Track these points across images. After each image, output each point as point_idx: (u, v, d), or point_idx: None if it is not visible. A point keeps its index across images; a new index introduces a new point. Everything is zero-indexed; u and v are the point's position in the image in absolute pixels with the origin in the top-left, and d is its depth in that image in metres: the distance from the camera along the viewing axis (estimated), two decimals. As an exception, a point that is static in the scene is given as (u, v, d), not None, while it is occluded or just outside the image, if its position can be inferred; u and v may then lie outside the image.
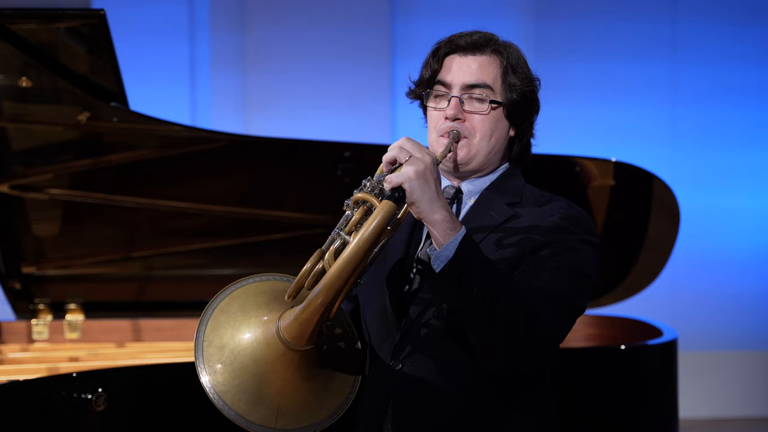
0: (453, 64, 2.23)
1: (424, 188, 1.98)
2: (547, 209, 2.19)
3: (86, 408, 2.94)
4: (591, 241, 2.19)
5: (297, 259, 4.10)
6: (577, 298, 2.13)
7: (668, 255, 4.16)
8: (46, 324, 4.05)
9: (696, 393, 6.46)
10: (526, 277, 2.09)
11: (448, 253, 1.99)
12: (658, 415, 3.57)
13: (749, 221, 6.62)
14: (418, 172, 1.97)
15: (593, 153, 4.15)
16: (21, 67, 3.49)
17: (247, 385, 2.01)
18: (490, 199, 2.24)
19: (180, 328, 4.14)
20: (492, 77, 2.22)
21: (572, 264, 2.13)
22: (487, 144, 2.23)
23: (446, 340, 2.13)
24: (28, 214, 3.95)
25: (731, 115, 6.58)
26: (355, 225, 2.00)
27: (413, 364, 2.15)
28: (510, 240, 2.14)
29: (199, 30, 6.44)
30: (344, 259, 1.94)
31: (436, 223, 2.00)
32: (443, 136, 2.22)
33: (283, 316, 2.01)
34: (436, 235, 2.01)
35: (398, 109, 6.47)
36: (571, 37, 6.50)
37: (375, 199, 2.00)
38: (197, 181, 4.00)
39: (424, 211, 2.00)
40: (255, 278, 2.16)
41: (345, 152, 3.91)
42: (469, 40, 2.23)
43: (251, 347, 2.02)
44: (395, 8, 6.53)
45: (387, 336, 2.19)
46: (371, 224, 1.95)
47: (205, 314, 2.09)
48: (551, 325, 2.06)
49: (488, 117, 2.21)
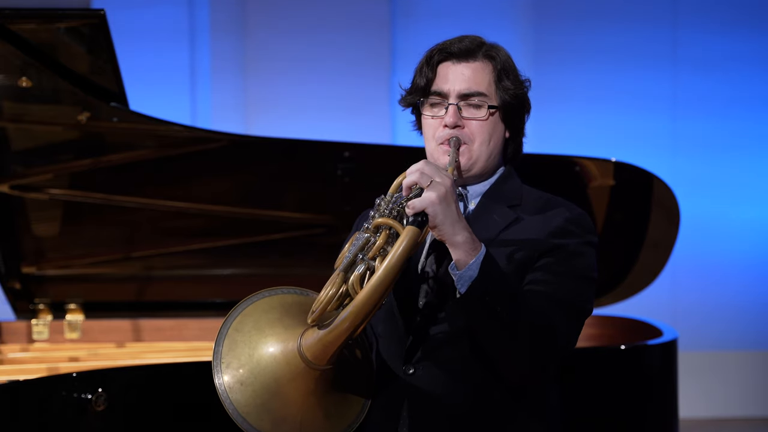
0: (448, 72, 2.27)
1: (447, 212, 2.02)
2: (549, 214, 2.23)
3: (86, 408, 2.94)
4: (593, 242, 2.24)
5: (297, 260, 4.15)
6: (585, 302, 2.20)
7: (668, 255, 4.16)
8: (46, 324, 4.05)
9: (696, 393, 6.46)
10: (538, 285, 2.14)
11: (471, 273, 2.04)
12: (658, 415, 3.56)
13: (749, 222, 6.62)
14: (440, 196, 2.01)
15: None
16: (21, 67, 3.49)
17: (270, 404, 2.04)
18: (491, 203, 2.28)
19: (180, 328, 4.14)
20: (486, 83, 2.26)
21: (579, 269, 2.18)
22: (487, 148, 2.27)
23: (456, 344, 2.18)
24: (28, 214, 3.95)
25: (732, 121, 6.58)
26: (378, 250, 2.03)
27: (425, 368, 2.19)
28: (515, 247, 2.18)
29: (199, 32, 6.44)
30: (372, 287, 1.97)
31: (459, 244, 2.04)
32: (443, 143, 2.26)
33: (304, 335, 2.04)
34: (458, 255, 2.05)
35: (398, 109, 6.45)
36: (570, 42, 6.50)
37: (399, 225, 2.02)
38: (197, 181, 4.00)
39: (446, 234, 2.04)
40: (264, 293, 2.17)
41: (345, 152, 3.91)
42: (460, 47, 2.27)
43: (271, 366, 2.05)
44: (395, 11, 6.53)
45: (396, 341, 2.22)
46: (398, 251, 1.98)
47: (220, 334, 2.11)
48: (568, 335, 2.15)
49: (487, 122, 2.26)
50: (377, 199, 2.09)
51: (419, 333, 2.20)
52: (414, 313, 2.22)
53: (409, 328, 2.21)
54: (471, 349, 2.16)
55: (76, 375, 2.96)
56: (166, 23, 6.36)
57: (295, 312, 2.12)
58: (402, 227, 2.02)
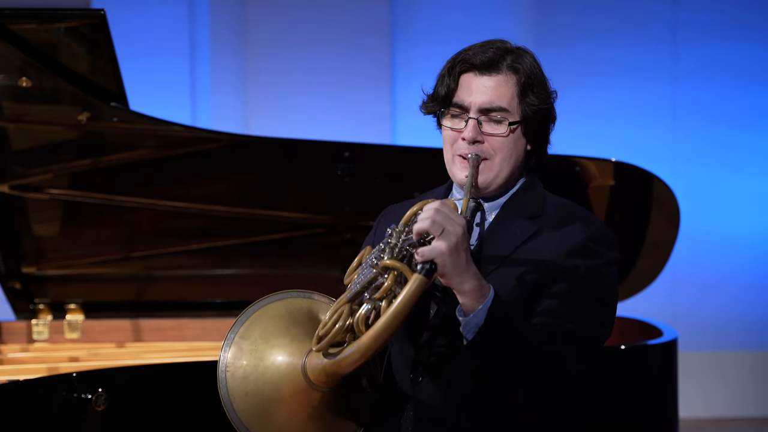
0: (470, 84, 2.20)
1: (456, 262, 2.00)
2: (567, 231, 2.18)
3: (86, 408, 2.94)
4: (614, 259, 2.18)
5: (297, 260, 4.15)
6: (600, 328, 2.15)
7: (668, 255, 4.16)
8: (46, 324, 4.05)
9: (696, 393, 6.46)
10: (550, 317, 2.11)
11: (477, 320, 2.02)
12: (659, 415, 3.56)
13: (749, 223, 6.62)
14: (450, 247, 1.98)
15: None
16: (21, 67, 3.49)
17: (271, 416, 2.07)
18: (510, 215, 2.22)
19: (180, 328, 4.14)
20: (509, 98, 2.19)
21: (597, 293, 2.14)
22: (508, 164, 2.21)
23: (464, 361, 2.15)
24: (28, 214, 3.95)
25: (731, 131, 6.61)
26: (386, 292, 2.02)
27: (432, 377, 2.17)
28: (528, 266, 2.15)
29: (199, 33, 6.44)
30: (377, 331, 1.98)
31: (466, 292, 2.03)
32: (462, 157, 2.20)
33: (309, 356, 2.06)
34: (465, 302, 2.04)
35: (398, 109, 6.47)
36: (570, 54, 6.50)
37: (408, 271, 2.01)
38: (197, 181, 4.00)
39: (453, 283, 2.02)
40: (272, 297, 2.18)
41: (345, 152, 3.90)
42: (483, 58, 2.20)
43: (274, 379, 2.08)
44: (395, 10, 6.52)
45: (404, 350, 2.22)
46: (404, 297, 1.97)
47: (227, 341, 2.12)
48: (579, 368, 2.12)
49: (507, 139, 2.20)
50: (388, 229, 2.06)
51: (425, 349, 2.19)
52: (423, 324, 2.20)
53: (415, 344, 2.20)
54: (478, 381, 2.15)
55: (76, 375, 2.96)
56: (167, 23, 6.35)
57: (302, 320, 2.13)
58: (411, 273, 2.00)
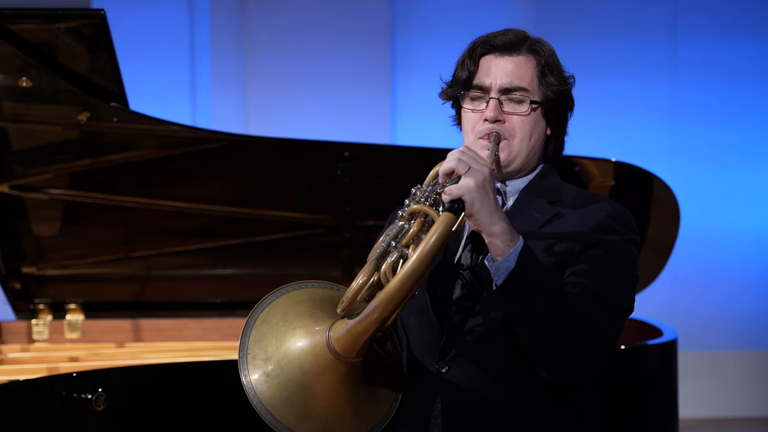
0: (490, 66, 2.21)
1: (484, 200, 1.96)
2: (590, 210, 2.18)
3: (86, 408, 2.94)
4: (636, 240, 2.20)
5: (297, 260, 4.14)
6: (626, 301, 2.15)
7: (668, 255, 4.16)
8: (46, 324, 4.05)
9: (696, 393, 6.46)
10: (578, 281, 2.09)
11: (508, 264, 1.98)
12: (659, 415, 3.56)
13: (749, 224, 6.62)
14: (478, 183, 1.96)
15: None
16: (21, 67, 3.49)
17: (296, 397, 1.99)
18: (531, 199, 2.22)
19: (180, 328, 4.14)
20: (529, 78, 2.21)
21: (621, 266, 2.14)
22: (528, 144, 2.21)
23: (493, 341, 2.12)
24: (28, 214, 3.95)
25: (731, 130, 6.61)
26: (412, 238, 1.97)
27: (460, 366, 2.13)
28: (556, 240, 2.13)
29: (199, 33, 6.44)
30: (405, 274, 1.91)
31: (496, 234, 1.98)
32: (483, 138, 2.19)
33: (333, 326, 1.99)
34: (495, 246, 1.99)
35: (398, 109, 6.47)
36: (571, 53, 6.49)
37: (434, 212, 1.97)
38: (197, 181, 4.00)
39: (483, 223, 1.98)
40: (293, 286, 2.13)
41: (345, 152, 3.90)
42: (504, 39, 2.22)
43: (299, 359, 2.00)
44: (395, 9, 6.52)
45: (429, 339, 2.17)
46: (432, 237, 1.91)
47: (248, 325, 2.05)
48: (606, 332, 2.07)
49: (528, 118, 2.20)
50: (413, 189, 2.03)
51: (453, 329, 2.14)
52: (448, 308, 2.16)
53: (443, 323, 2.15)
54: (507, 346, 2.10)
55: (76, 375, 2.96)
56: (167, 23, 6.36)
57: (326, 306, 2.07)
58: (437, 214, 1.95)
